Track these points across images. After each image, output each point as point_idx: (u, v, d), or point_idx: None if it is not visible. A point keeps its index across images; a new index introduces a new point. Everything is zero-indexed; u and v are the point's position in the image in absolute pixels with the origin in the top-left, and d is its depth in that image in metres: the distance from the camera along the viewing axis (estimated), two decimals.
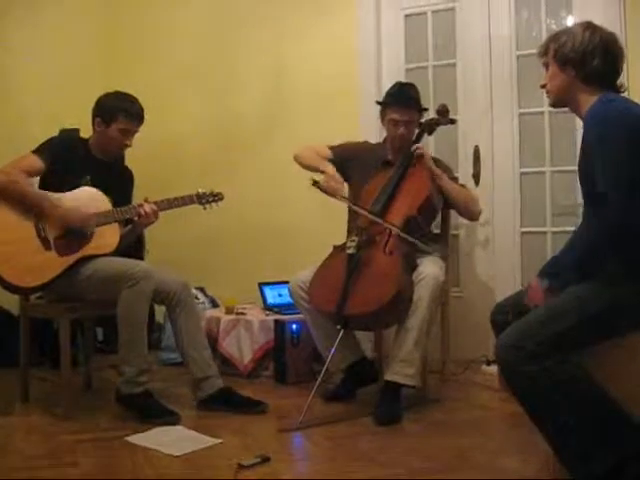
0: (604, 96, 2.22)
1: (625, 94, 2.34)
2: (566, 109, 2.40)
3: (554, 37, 2.35)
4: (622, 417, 2.06)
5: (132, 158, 3.60)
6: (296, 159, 3.61)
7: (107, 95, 3.31)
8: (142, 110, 3.31)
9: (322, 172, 3.40)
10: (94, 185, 3.23)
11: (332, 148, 3.65)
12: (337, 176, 3.38)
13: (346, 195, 3.41)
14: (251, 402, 3.20)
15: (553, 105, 2.42)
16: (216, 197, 3.40)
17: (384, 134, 3.71)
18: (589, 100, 2.25)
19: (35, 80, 4.57)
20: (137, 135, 3.34)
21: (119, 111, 3.24)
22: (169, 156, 4.78)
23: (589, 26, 2.30)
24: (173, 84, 4.86)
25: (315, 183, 3.20)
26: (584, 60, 2.25)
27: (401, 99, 3.52)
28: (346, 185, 3.50)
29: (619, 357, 2.15)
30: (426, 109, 3.65)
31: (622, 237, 2.12)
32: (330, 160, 3.56)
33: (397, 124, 3.51)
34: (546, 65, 2.37)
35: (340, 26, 4.50)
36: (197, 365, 3.19)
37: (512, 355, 2.11)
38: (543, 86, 2.40)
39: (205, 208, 3.38)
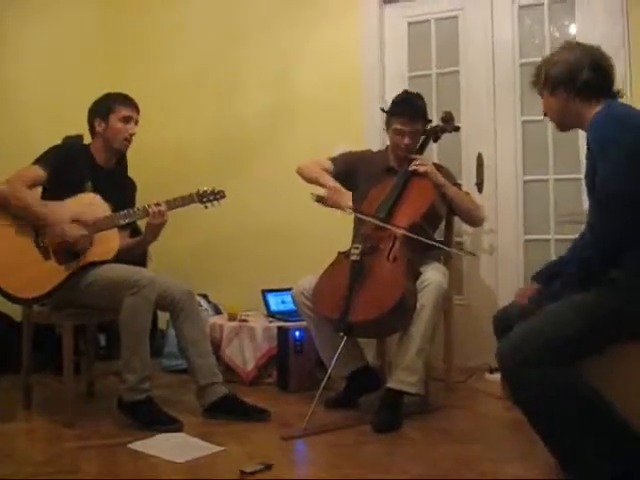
0: (607, 105, 2.24)
1: (627, 101, 2.35)
2: None
3: (539, 66, 2.40)
4: (623, 427, 2.05)
5: (134, 164, 3.60)
6: (299, 173, 3.61)
7: (96, 99, 3.35)
8: (133, 99, 3.35)
9: (323, 186, 3.41)
10: (95, 192, 3.23)
11: (334, 160, 3.64)
12: (339, 188, 3.38)
13: (351, 205, 3.40)
14: (254, 410, 3.19)
15: (560, 130, 2.45)
16: (217, 195, 3.32)
17: (387, 141, 3.71)
18: (591, 113, 2.26)
19: (36, 78, 4.59)
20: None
21: (114, 102, 3.30)
22: (171, 162, 4.79)
23: (568, 45, 2.37)
24: (177, 90, 4.87)
25: (319, 199, 3.21)
26: (572, 77, 2.28)
27: (407, 109, 3.50)
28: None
29: (621, 366, 2.14)
30: (430, 120, 3.63)
31: (610, 248, 2.12)
32: (333, 172, 3.57)
33: (402, 134, 3.51)
34: (541, 94, 2.41)
35: (344, 33, 4.51)
36: (201, 372, 3.18)
37: (513, 360, 2.11)
38: (545, 114, 2.44)
39: (207, 207, 3.31)
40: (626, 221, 2.06)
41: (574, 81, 2.27)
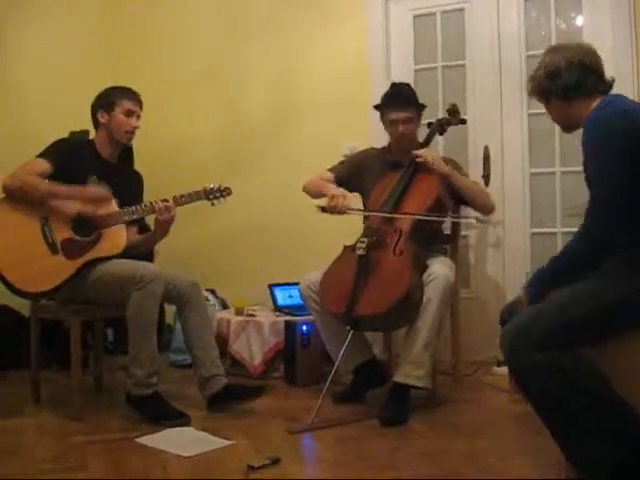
0: (601, 102, 2.23)
1: (634, 91, 2.33)
2: None
3: (531, 77, 2.40)
4: (627, 412, 2.04)
5: (140, 161, 3.61)
6: (305, 192, 3.63)
7: (101, 91, 3.36)
8: (138, 93, 3.36)
9: (325, 195, 3.41)
10: (100, 186, 3.23)
11: (332, 169, 3.66)
12: (340, 193, 3.37)
13: (354, 206, 3.41)
14: (250, 389, 3.24)
15: (566, 132, 2.45)
16: (224, 192, 3.33)
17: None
18: (587, 112, 2.25)
19: (37, 79, 4.61)
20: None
21: (117, 95, 3.31)
22: (178, 159, 4.78)
23: (551, 49, 2.37)
24: (180, 89, 4.86)
25: (322, 209, 3.25)
26: (554, 83, 2.29)
27: (396, 98, 3.53)
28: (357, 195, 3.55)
29: (624, 353, 2.14)
30: (424, 106, 3.62)
31: (598, 248, 2.13)
32: (334, 180, 3.59)
33: (396, 123, 3.52)
34: (541, 102, 2.42)
35: (349, 28, 4.50)
36: (204, 364, 3.19)
37: (516, 342, 2.10)
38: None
39: (213, 204, 3.32)
40: (617, 219, 2.08)
41: (556, 87, 2.29)
